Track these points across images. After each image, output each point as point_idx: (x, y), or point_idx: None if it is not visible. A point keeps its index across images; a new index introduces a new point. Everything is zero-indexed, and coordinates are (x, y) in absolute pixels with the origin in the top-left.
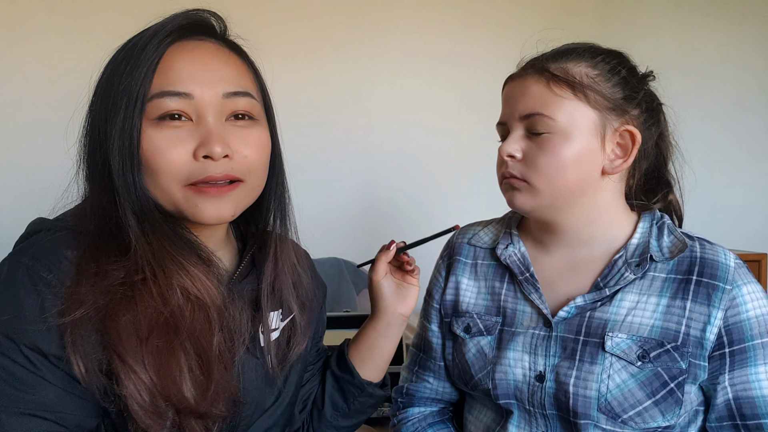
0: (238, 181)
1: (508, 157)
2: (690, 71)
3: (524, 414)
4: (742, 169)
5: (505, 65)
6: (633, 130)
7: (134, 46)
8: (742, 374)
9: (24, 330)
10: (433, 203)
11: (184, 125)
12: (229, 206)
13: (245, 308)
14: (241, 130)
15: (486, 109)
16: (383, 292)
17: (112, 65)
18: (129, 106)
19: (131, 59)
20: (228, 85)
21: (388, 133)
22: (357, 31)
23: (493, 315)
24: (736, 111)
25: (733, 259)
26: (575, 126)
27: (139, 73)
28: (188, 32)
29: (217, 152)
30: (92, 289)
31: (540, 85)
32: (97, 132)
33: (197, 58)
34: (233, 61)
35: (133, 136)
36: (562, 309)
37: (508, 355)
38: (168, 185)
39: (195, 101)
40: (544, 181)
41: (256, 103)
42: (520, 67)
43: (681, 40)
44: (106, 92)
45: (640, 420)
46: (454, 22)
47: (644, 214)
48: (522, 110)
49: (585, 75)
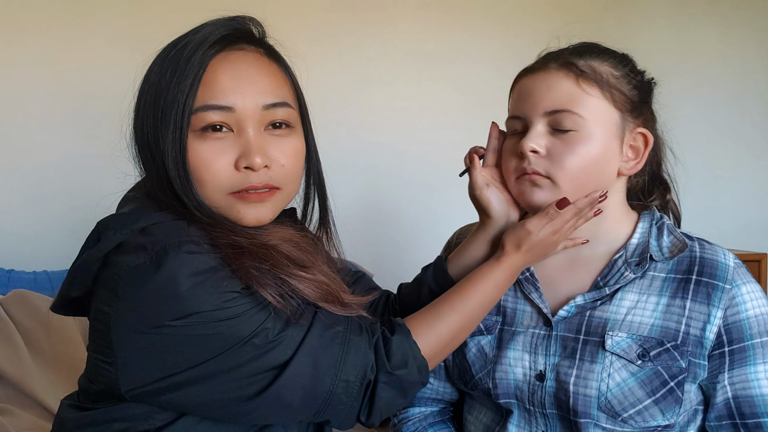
0: (276, 188)
1: (531, 152)
2: (690, 71)
3: (524, 413)
4: (742, 169)
5: (505, 64)
6: (646, 133)
7: (179, 55)
8: (741, 373)
9: (225, 286)
10: (434, 202)
11: (226, 136)
12: (269, 210)
13: None
14: (278, 140)
15: (488, 107)
16: (489, 199)
17: (158, 72)
18: (177, 118)
19: (177, 70)
20: (268, 97)
21: (388, 132)
22: (357, 31)
23: (493, 314)
24: (736, 111)
25: (732, 259)
26: (601, 125)
27: (185, 85)
28: (230, 42)
29: (258, 164)
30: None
31: (569, 80)
32: (148, 139)
33: (239, 71)
34: (273, 71)
35: (183, 147)
36: (562, 308)
37: (508, 355)
38: (212, 194)
39: (236, 113)
40: (568, 180)
41: (292, 112)
42: (540, 61)
43: (681, 40)
44: (155, 100)
45: (640, 419)
46: (455, 21)
47: (644, 214)
48: (548, 105)
49: (611, 74)
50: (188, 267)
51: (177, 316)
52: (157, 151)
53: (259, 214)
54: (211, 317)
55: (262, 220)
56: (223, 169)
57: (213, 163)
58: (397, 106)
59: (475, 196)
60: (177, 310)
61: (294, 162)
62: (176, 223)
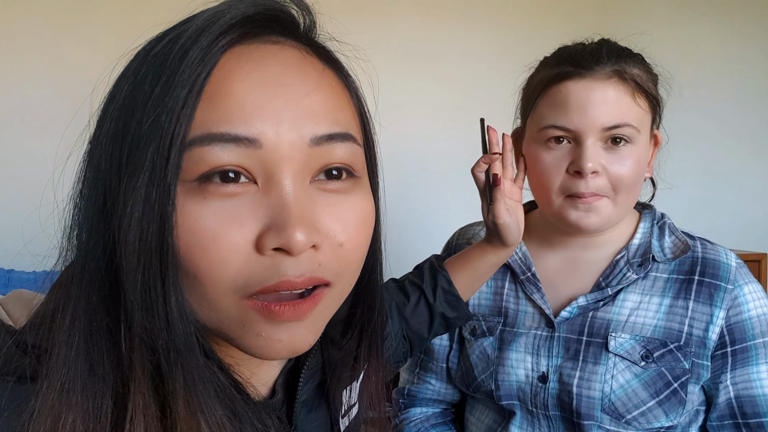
0: (325, 285)
1: (592, 173)
2: (690, 69)
3: (527, 415)
4: (742, 169)
5: (506, 63)
6: (658, 134)
7: (168, 49)
8: (743, 373)
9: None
10: (435, 202)
11: (244, 192)
12: (309, 334)
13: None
14: (336, 200)
15: (489, 106)
16: (510, 227)
17: (132, 80)
18: (158, 158)
19: (163, 72)
20: (320, 124)
21: (388, 132)
22: (357, 30)
23: (495, 315)
24: (736, 110)
25: (735, 259)
26: (644, 133)
27: (174, 99)
28: (256, 29)
29: (300, 243)
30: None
31: (627, 94)
32: (102, 193)
33: (270, 76)
34: (327, 80)
35: (165, 209)
36: (564, 309)
37: (510, 356)
38: (216, 297)
39: (264, 151)
40: (625, 195)
41: (358, 151)
42: (584, 64)
43: (681, 39)
44: (121, 129)
45: (644, 420)
46: (455, 20)
47: (645, 214)
48: (606, 121)
49: (649, 81)
50: None
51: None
52: (113, 213)
53: (294, 341)
54: None
55: (298, 350)
56: (236, 251)
57: (220, 240)
58: (397, 105)
59: (497, 224)
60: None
61: (360, 237)
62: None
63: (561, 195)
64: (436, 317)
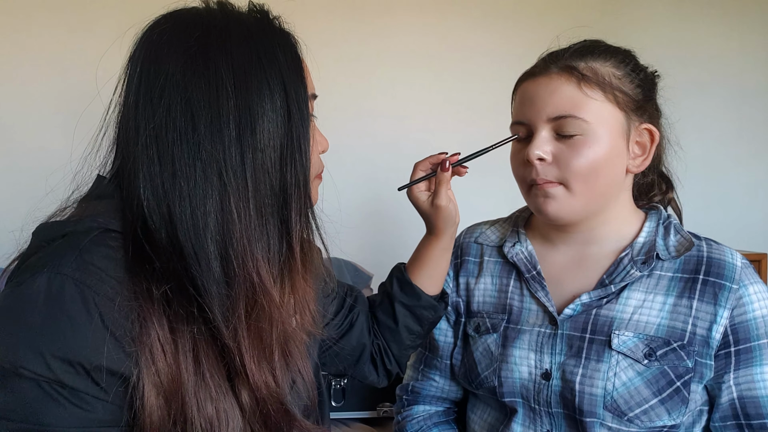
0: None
1: (538, 160)
2: (691, 67)
3: (529, 412)
4: (743, 168)
5: (506, 63)
6: (652, 129)
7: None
8: (747, 374)
9: (81, 350)
10: None
11: None
12: None
13: None
14: None
15: (489, 106)
16: (449, 212)
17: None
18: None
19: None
20: None
21: (389, 131)
22: (357, 29)
23: (499, 312)
24: (737, 109)
25: (740, 259)
26: (605, 127)
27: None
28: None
29: None
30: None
31: (570, 85)
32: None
33: None
34: None
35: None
36: (568, 307)
37: (513, 353)
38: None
39: None
40: (580, 182)
41: None
42: (541, 65)
43: (682, 36)
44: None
45: (646, 418)
46: (455, 20)
47: (651, 213)
48: (551, 111)
49: (612, 75)
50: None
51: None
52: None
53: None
54: None
55: None
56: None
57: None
58: (398, 105)
59: (440, 207)
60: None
61: None
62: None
63: (524, 185)
64: (396, 303)
